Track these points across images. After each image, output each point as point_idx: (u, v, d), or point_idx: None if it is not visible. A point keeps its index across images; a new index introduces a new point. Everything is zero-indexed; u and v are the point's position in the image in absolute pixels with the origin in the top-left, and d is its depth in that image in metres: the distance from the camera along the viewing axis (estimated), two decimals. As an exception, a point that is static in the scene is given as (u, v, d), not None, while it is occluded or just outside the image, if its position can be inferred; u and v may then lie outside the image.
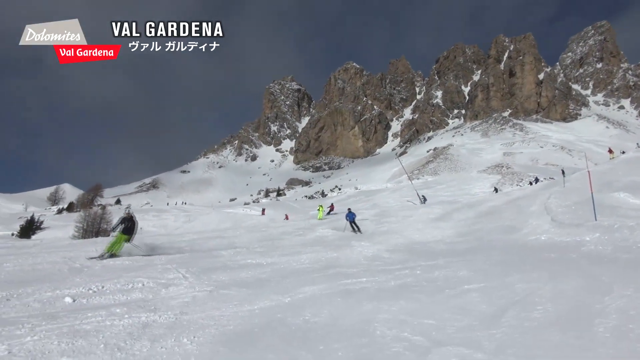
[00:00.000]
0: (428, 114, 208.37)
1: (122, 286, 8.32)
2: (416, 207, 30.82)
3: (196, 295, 7.54)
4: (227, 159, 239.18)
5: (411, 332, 5.13)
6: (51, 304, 6.94)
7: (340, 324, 5.65)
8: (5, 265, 12.37)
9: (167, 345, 4.78)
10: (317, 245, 14.82)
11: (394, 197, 58.27)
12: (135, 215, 14.42)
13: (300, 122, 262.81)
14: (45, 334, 5.08)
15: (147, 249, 14.61)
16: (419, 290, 7.40)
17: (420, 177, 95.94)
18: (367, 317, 5.89)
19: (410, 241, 14.67)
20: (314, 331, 5.37)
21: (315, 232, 19.59)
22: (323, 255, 12.38)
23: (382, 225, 20.53)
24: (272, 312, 6.27)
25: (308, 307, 6.48)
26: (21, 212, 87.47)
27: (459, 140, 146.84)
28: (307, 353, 4.57)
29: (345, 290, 7.64)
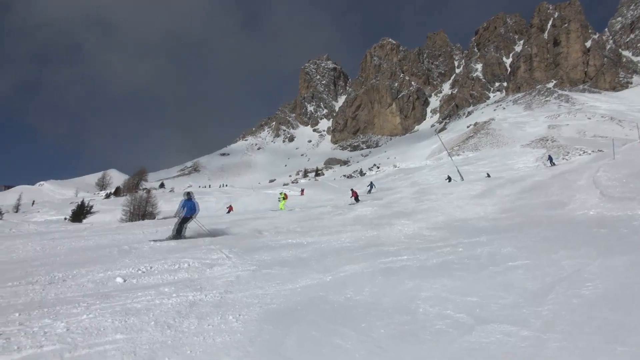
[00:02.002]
0: (468, 88, 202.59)
1: (169, 266, 8.61)
2: (457, 184, 30.29)
3: (240, 274, 7.72)
4: (265, 141, 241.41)
5: (454, 310, 5.09)
6: (104, 284, 7.27)
7: (382, 301, 5.67)
8: (60, 249, 13.02)
9: (213, 323, 4.93)
10: (356, 224, 14.84)
11: (433, 174, 57.44)
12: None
13: (336, 101, 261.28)
14: (100, 312, 5.33)
15: (192, 232, 15.01)
16: (461, 267, 7.31)
17: (460, 154, 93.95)
18: (409, 294, 5.88)
19: (451, 218, 14.46)
20: (356, 309, 5.41)
21: (354, 211, 19.60)
22: (363, 234, 12.39)
23: (422, 203, 20.31)
24: (314, 291, 6.35)
25: (349, 286, 6.53)
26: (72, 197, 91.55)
27: (500, 114, 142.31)
28: (349, 330, 4.62)
29: (386, 269, 7.64)
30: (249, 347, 4.18)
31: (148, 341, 4.34)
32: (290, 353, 4.06)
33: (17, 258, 11.54)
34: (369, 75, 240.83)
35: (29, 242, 14.85)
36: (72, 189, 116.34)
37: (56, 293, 6.67)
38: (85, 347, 4.17)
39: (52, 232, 23.08)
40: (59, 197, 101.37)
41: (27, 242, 14.90)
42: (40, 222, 46.90)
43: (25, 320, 5.06)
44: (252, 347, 4.19)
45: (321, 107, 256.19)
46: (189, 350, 4.09)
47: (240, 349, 4.13)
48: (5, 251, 12.97)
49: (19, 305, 5.96)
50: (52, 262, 10.14)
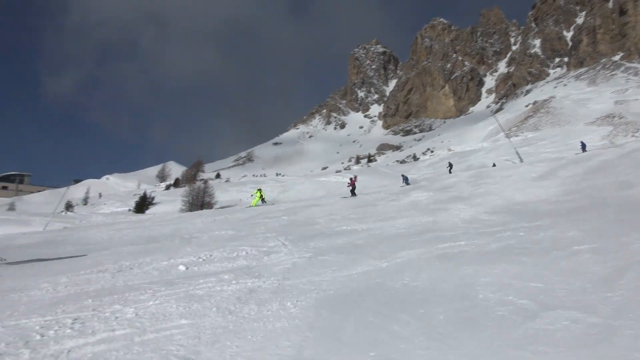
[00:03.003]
0: (525, 66, 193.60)
1: (227, 254, 8.86)
2: (516, 166, 29.19)
3: (296, 261, 7.84)
4: (317, 129, 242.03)
5: (516, 296, 4.92)
6: (167, 272, 7.60)
7: (440, 287, 5.57)
8: (126, 238, 13.70)
9: (272, 309, 5.03)
10: (411, 210, 14.64)
11: (490, 156, 55.59)
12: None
13: (387, 85, 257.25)
14: (165, 299, 5.58)
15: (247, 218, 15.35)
16: (522, 252, 7.05)
17: (519, 134, 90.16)
18: (468, 280, 5.74)
19: (510, 202, 13.95)
20: (414, 295, 5.35)
21: (409, 196, 19.34)
22: (419, 220, 12.21)
23: (479, 187, 19.70)
24: (370, 277, 6.34)
25: (406, 272, 6.47)
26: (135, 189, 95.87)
27: (561, 91, 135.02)
28: (407, 316, 4.58)
29: (443, 254, 7.50)
30: (307, 332, 4.24)
31: (211, 326, 4.50)
32: (348, 339, 4.07)
33: (88, 247, 12.26)
34: (420, 58, 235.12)
35: (98, 233, 15.75)
36: (134, 181, 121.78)
37: (124, 280, 7.03)
38: (153, 332, 4.37)
39: (118, 223, 24.33)
40: (123, 189, 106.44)
41: (97, 233, 15.80)
42: (107, 214, 49.53)
43: (98, 306, 5.37)
44: (310, 332, 4.24)
45: (372, 92, 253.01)
46: (250, 335, 4.20)
47: (299, 334, 4.19)
48: (77, 241, 13.82)
49: (91, 292, 6.34)
50: (119, 251, 10.70)
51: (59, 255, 11.11)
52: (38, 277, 7.70)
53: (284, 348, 3.85)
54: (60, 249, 12.43)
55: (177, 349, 3.88)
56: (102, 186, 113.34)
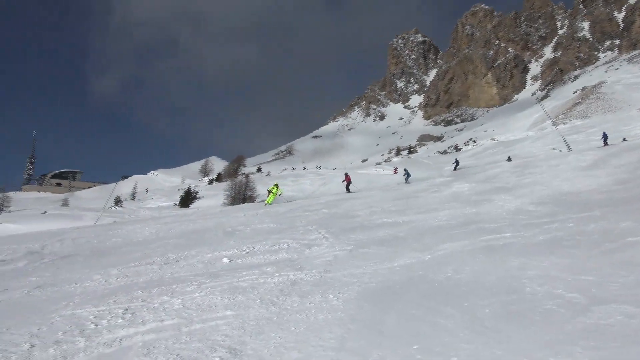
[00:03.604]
0: (573, 50, 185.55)
1: (270, 247, 8.99)
2: (563, 155, 28.13)
3: (337, 254, 7.86)
4: (356, 121, 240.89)
5: (565, 289, 4.76)
6: (212, 264, 7.79)
7: (485, 280, 5.45)
8: (172, 232, 14.11)
9: (314, 301, 5.07)
10: (454, 202, 14.38)
11: (536, 145, 53.77)
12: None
13: (427, 75, 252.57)
14: (210, 290, 5.72)
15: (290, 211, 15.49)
16: (572, 244, 6.80)
17: (567, 122, 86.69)
18: (514, 273, 5.60)
19: (558, 192, 13.46)
20: (457, 288, 5.26)
21: (451, 188, 18.99)
22: (461, 211, 11.98)
23: (525, 177, 19.10)
24: (413, 269, 6.28)
25: (449, 264, 6.37)
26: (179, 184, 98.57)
27: (612, 75, 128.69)
28: (451, 309, 4.51)
29: (487, 246, 7.34)
30: (350, 324, 4.25)
31: (255, 317, 4.58)
32: (391, 331, 4.06)
33: (136, 241, 12.71)
34: (461, 46, 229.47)
35: (146, 227, 16.29)
36: (179, 176, 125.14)
37: (171, 272, 7.26)
38: (199, 322, 4.50)
39: (164, 217, 25.09)
40: (168, 184, 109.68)
41: (144, 227, 16.35)
42: (154, 208, 51.16)
43: (147, 297, 5.57)
44: (353, 324, 4.25)
45: (411, 82, 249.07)
46: (293, 326, 4.25)
47: (342, 326, 4.21)
48: (126, 235, 14.34)
49: (141, 283, 6.58)
50: (166, 245, 11.04)
51: (109, 248, 11.58)
52: (91, 270, 8.06)
53: (326, 340, 3.87)
54: (110, 242, 12.94)
55: (222, 339, 3.98)
56: (148, 181, 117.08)
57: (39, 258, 10.40)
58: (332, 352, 3.62)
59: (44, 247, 12.27)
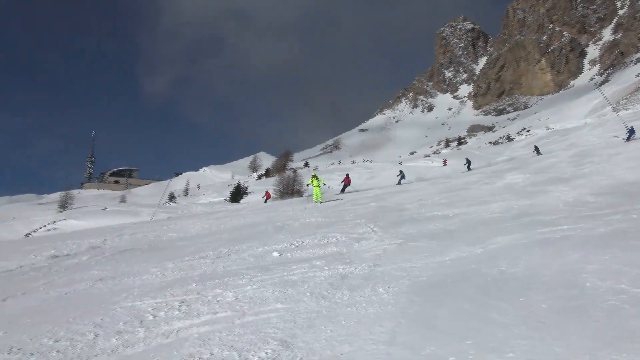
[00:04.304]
0: (635, 31, 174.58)
1: (318, 241, 9.04)
2: (625, 144, 26.62)
3: (386, 248, 7.80)
4: (403, 113, 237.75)
5: (630, 284, 4.50)
6: (262, 258, 7.92)
7: (541, 274, 5.25)
8: (223, 227, 14.45)
9: (364, 295, 5.06)
10: (506, 193, 13.93)
11: (595, 133, 51.17)
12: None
13: (477, 64, 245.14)
14: (261, 284, 5.83)
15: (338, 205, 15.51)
16: (636, 237, 6.42)
17: (629, 108, 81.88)
18: (573, 267, 5.35)
19: (620, 182, 12.75)
20: (512, 282, 5.09)
21: (503, 179, 18.42)
22: (515, 203, 11.59)
23: (583, 167, 18.22)
24: (464, 263, 6.14)
25: (503, 258, 6.17)
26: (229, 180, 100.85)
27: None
28: (506, 304, 4.37)
29: (543, 239, 7.06)
30: (400, 318, 4.21)
31: (305, 310, 4.63)
32: (443, 326, 3.99)
33: (190, 235, 13.12)
34: (512, 32, 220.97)
35: (198, 222, 16.79)
36: (228, 172, 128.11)
37: (224, 266, 7.45)
38: (251, 315, 4.60)
39: (215, 212, 25.77)
40: (218, 180, 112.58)
41: (197, 222, 16.85)
42: (205, 204, 52.65)
43: (201, 290, 5.75)
44: (403, 318, 4.21)
45: (460, 72, 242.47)
46: (344, 320, 4.26)
47: (392, 320, 4.18)
48: (180, 230, 14.84)
49: (195, 276, 6.79)
50: (218, 239, 11.33)
51: (165, 243, 12.02)
52: (148, 263, 8.40)
53: (377, 334, 3.86)
54: (166, 237, 13.43)
55: (274, 331, 4.05)
56: (200, 178, 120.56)
57: (101, 252, 10.95)
58: (383, 345, 3.60)
59: (104, 242, 12.91)
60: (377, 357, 3.39)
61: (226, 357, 3.55)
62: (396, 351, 3.49)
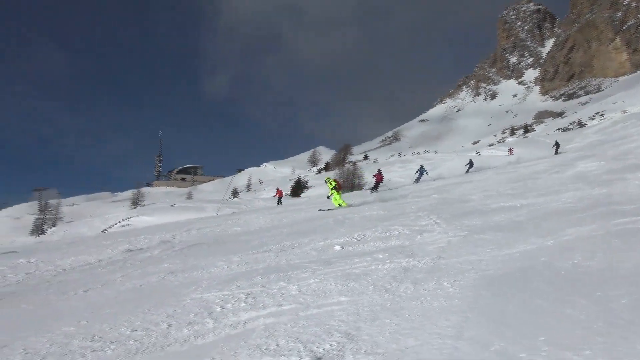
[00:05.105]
0: None
1: (380, 234, 8.98)
2: None
3: (450, 240, 7.61)
4: (465, 102, 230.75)
5: None
6: (324, 252, 7.98)
7: (620, 268, 4.92)
8: (285, 221, 14.70)
9: (429, 288, 4.96)
10: (579, 182, 13.18)
11: (679, 115, 47.24)
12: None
13: (543, 47, 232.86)
14: (324, 277, 5.87)
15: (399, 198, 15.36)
16: None
17: None
18: (657, 260, 4.98)
19: None
20: (587, 276, 4.81)
21: (575, 167, 17.45)
22: (588, 193, 10.94)
23: (666, 152, 16.90)
24: (535, 256, 5.87)
25: (576, 250, 5.84)
26: (289, 174, 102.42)
27: None
28: (581, 299, 4.14)
29: (622, 230, 6.61)
30: (467, 312, 4.09)
31: (369, 303, 4.61)
32: (513, 321, 3.83)
33: (253, 230, 13.46)
34: (581, 11, 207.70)
35: (261, 216, 17.18)
36: (289, 167, 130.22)
37: (287, 260, 7.58)
38: (315, 307, 4.64)
39: (277, 207, 26.24)
40: (279, 175, 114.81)
41: (260, 216, 17.26)
42: (267, 198, 53.75)
43: (266, 283, 5.88)
44: (471, 313, 4.09)
45: (525, 56, 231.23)
46: (408, 313, 4.20)
47: (459, 314, 4.07)
48: (244, 224, 15.25)
49: (259, 269, 6.96)
50: (280, 233, 11.55)
51: (230, 237, 12.41)
52: (215, 257, 8.71)
53: (443, 328, 3.77)
54: (230, 231, 13.86)
55: (338, 324, 4.07)
56: (261, 173, 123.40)
57: (170, 247, 11.49)
58: (449, 340, 3.52)
59: (174, 236, 13.52)
60: (444, 352, 3.31)
61: (292, 348, 3.61)
62: (463, 346, 3.39)
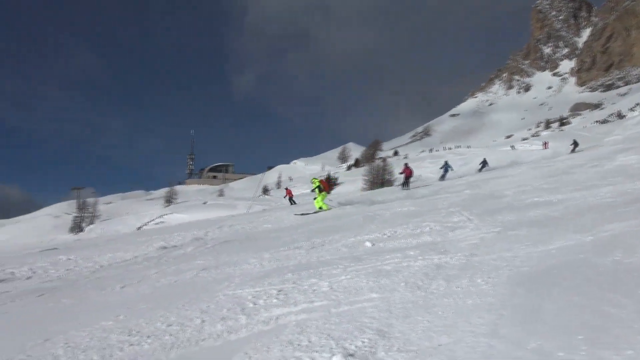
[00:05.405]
0: None
1: (411, 230, 8.90)
2: None
3: (484, 236, 7.48)
4: (497, 95, 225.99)
5: None
6: (355, 248, 7.97)
7: (664, 265, 4.74)
8: (314, 218, 14.73)
9: (461, 285, 4.89)
10: (619, 176, 12.74)
11: None
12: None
13: (579, 36, 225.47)
14: (355, 273, 5.86)
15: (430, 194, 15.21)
16: None
17: None
18: (703, 256, 4.77)
19: None
20: (629, 273, 4.64)
21: (614, 161, 16.86)
22: (629, 187, 10.56)
23: None
24: (572, 253, 5.71)
25: (617, 247, 5.65)
26: (319, 171, 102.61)
27: None
28: (622, 297, 4.00)
29: (666, 226, 6.36)
30: (502, 310, 4.01)
31: (400, 300, 4.58)
32: (550, 319, 3.74)
33: (284, 226, 13.55)
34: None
35: (292, 213, 17.26)
36: (318, 164, 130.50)
37: (317, 256, 7.60)
38: (347, 304, 4.64)
39: (307, 204, 26.30)
40: (308, 172, 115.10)
41: (290, 213, 17.34)
42: (297, 195, 53.98)
43: (297, 279, 5.92)
44: (505, 310, 4.01)
45: (560, 46, 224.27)
46: (440, 311, 4.15)
47: (493, 312, 4.00)
48: (275, 221, 15.36)
49: (290, 266, 7.01)
50: (310, 230, 11.59)
51: (261, 233, 12.53)
52: (247, 253, 8.81)
53: (477, 325, 3.71)
54: (261, 228, 13.99)
55: (370, 321, 4.05)
56: (291, 170, 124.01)
57: (203, 244, 11.68)
58: (483, 338, 3.46)
59: (206, 233, 13.74)
60: (478, 350, 3.26)
61: (324, 344, 3.62)
62: (498, 344, 3.33)
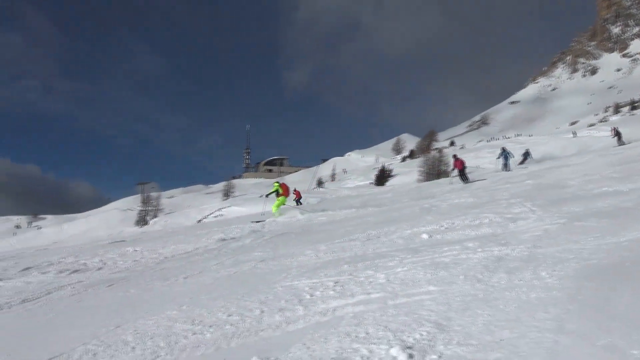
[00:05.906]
0: None
1: (470, 222, 8.67)
2: None
3: (548, 228, 7.16)
4: (560, 79, 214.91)
5: None
6: (412, 240, 7.86)
7: None
8: (369, 210, 14.67)
9: (524, 278, 4.71)
10: (699, 162, 11.81)
11: None
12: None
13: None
14: (412, 266, 5.79)
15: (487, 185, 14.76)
16: None
17: None
18: None
19: None
20: None
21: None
22: None
23: None
24: (646, 245, 5.36)
25: (697, 238, 5.26)
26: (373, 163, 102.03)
27: None
28: None
29: None
30: (568, 304, 3.83)
31: (459, 293, 4.47)
32: (623, 314, 3.52)
33: (339, 219, 13.58)
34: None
35: (346, 206, 17.27)
36: (372, 156, 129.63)
37: (373, 248, 7.57)
38: (404, 296, 4.59)
39: (362, 195, 26.26)
40: (362, 164, 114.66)
41: (344, 206, 17.34)
42: (352, 187, 53.98)
43: (353, 271, 5.92)
44: (572, 305, 3.82)
45: (630, 25, 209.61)
46: (502, 304, 4.02)
47: (559, 306, 3.82)
48: (329, 214, 15.40)
49: (346, 258, 7.02)
50: (365, 222, 11.55)
51: (316, 226, 12.63)
52: (303, 245, 8.91)
53: (541, 320, 3.56)
54: (317, 221, 14.10)
55: (428, 314, 3.99)
56: (345, 162, 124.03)
57: (260, 236, 11.93)
58: (549, 333, 3.32)
59: (263, 226, 14.02)
60: (543, 346, 3.13)
61: (381, 337, 3.60)
62: (565, 340, 3.18)
